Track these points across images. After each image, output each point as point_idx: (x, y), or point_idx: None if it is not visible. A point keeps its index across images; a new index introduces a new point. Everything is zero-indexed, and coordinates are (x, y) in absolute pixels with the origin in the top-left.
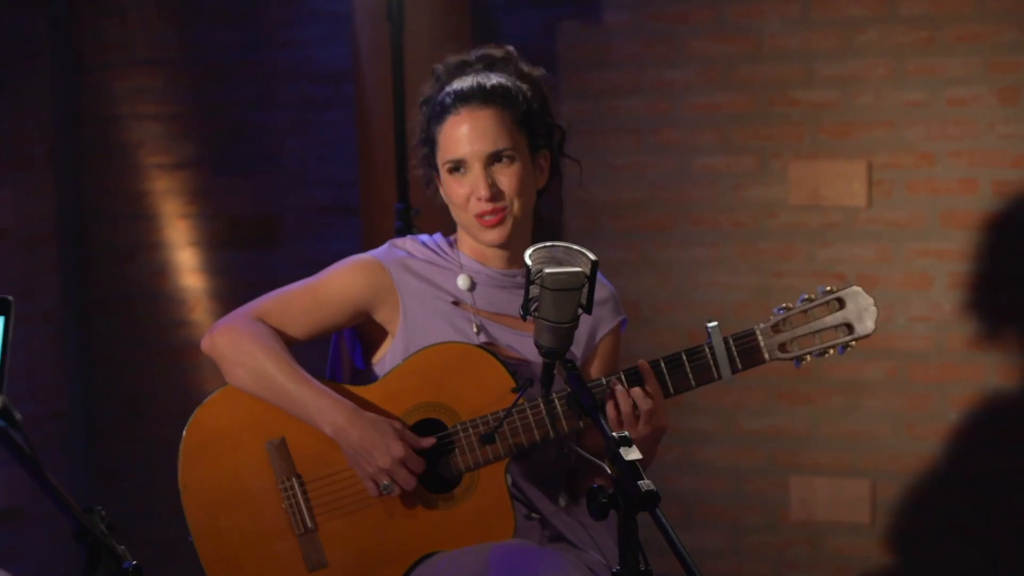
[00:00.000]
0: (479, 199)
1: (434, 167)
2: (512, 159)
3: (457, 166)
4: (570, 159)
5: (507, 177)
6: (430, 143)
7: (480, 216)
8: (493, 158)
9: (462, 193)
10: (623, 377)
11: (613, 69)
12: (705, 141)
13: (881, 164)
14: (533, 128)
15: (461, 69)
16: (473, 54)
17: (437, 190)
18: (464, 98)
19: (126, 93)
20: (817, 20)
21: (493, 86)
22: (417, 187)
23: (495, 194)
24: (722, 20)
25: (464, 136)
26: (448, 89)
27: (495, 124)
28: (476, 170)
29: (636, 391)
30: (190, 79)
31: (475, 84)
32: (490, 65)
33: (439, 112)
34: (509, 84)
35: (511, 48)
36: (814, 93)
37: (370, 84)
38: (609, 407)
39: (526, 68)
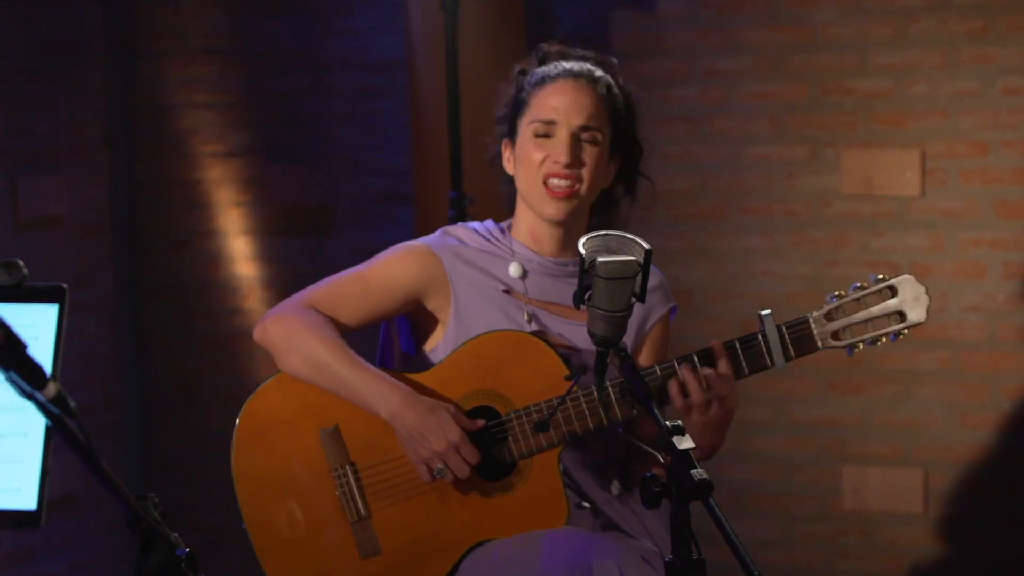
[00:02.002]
0: (556, 162)
1: (512, 133)
2: (596, 142)
3: (545, 131)
4: (644, 177)
5: (588, 155)
6: (518, 107)
7: (551, 182)
8: (582, 130)
9: (538, 156)
10: (695, 358)
11: (666, 58)
12: (758, 130)
13: (935, 153)
14: (618, 130)
15: (564, 56)
16: (576, 51)
17: (501, 165)
18: (572, 73)
19: (180, 82)
20: (871, 9)
21: (600, 75)
22: (471, 175)
23: (573, 162)
24: (776, 9)
25: (562, 103)
26: (557, 63)
27: (593, 103)
28: (562, 136)
29: (708, 372)
30: (244, 68)
31: (585, 67)
32: (598, 66)
33: (540, 79)
34: (611, 82)
35: (615, 61)
36: (868, 82)
37: (423, 73)
38: (674, 388)
39: (622, 82)
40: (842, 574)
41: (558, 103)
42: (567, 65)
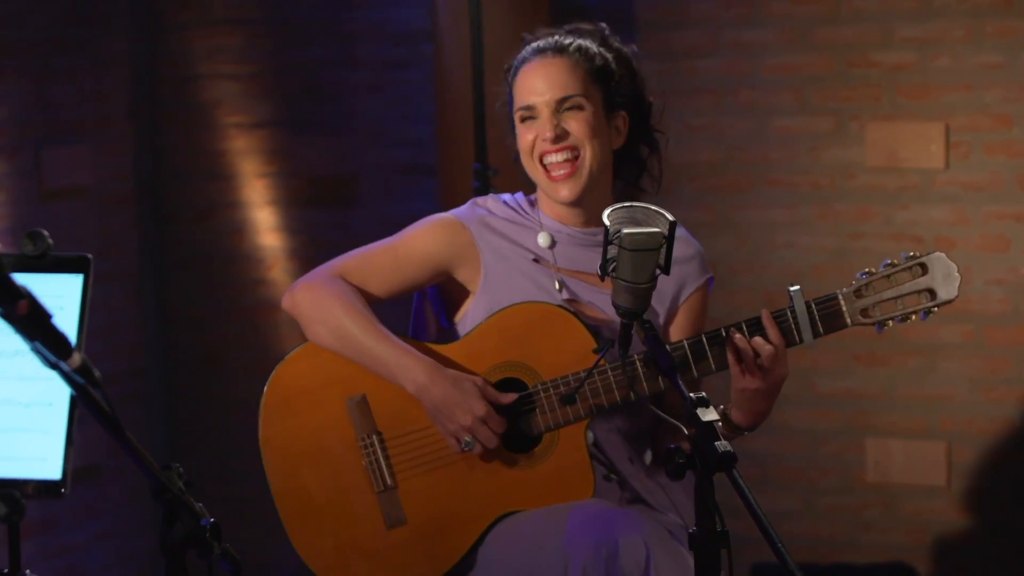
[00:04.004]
0: (543, 140)
1: (512, 128)
2: (581, 108)
3: (528, 114)
4: (656, 131)
5: (575, 122)
6: (509, 103)
7: (546, 159)
8: (561, 103)
9: (529, 139)
10: (744, 326)
11: (692, 30)
12: (783, 102)
13: (959, 126)
14: (609, 86)
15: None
16: (563, 29)
17: (518, 154)
18: (538, 50)
19: (204, 52)
20: None
21: (569, 41)
22: (495, 146)
23: (559, 135)
24: None
25: (535, 84)
26: (527, 46)
27: (566, 72)
28: (544, 115)
29: (758, 339)
30: (268, 38)
31: (551, 40)
32: (576, 35)
33: (515, 68)
34: (586, 43)
35: (603, 24)
36: (892, 55)
37: (448, 44)
38: (730, 355)
39: (615, 42)
40: (865, 546)
41: (531, 84)
42: (534, 44)
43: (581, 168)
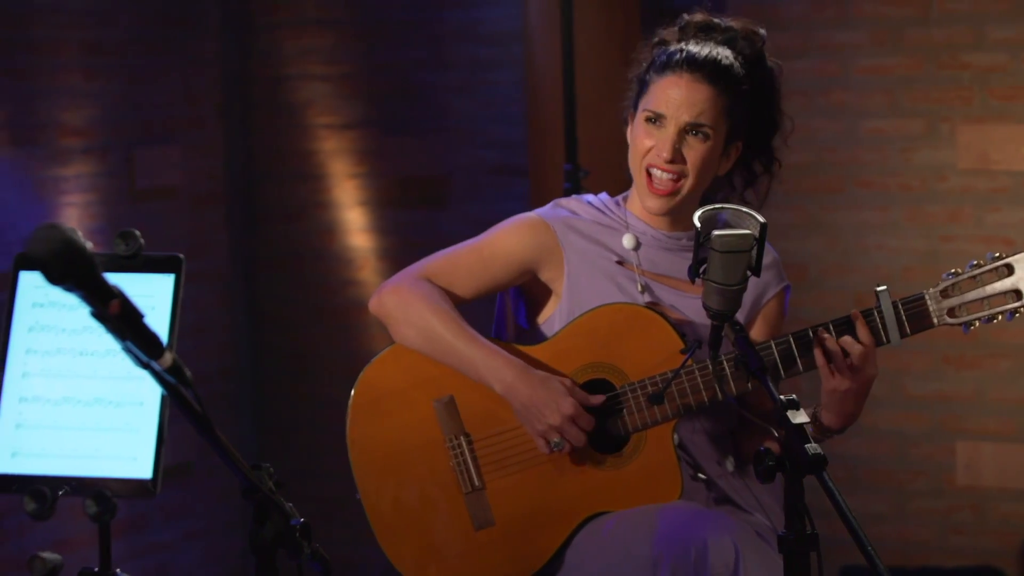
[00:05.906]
0: (658, 155)
1: (635, 107)
2: (706, 137)
3: (655, 118)
4: (774, 158)
5: (694, 151)
6: (642, 86)
7: (653, 172)
8: (690, 128)
9: (646, 144)
10: (831, 326)
11: (782, 31)
12: (874, 104)
13: None
14: (738, 119)
15: (705, 31)
16: (723, 21)
17: (627, 128)
18: (692, 64)
19: (295, 53)
20: None
21: (723, 67)
22: (586, 148)
23: (675, 158)
24: None
25: (674, 97)
26: (683, 47)
27: (706, 101)
28: (670, 131)
29: (847, 339)
30: (359, 39)
31: (708, 56)
32: (731, 40)
33: (664, 63)
34: (738, 71)
35: (763, 33)
36: (984, 56)
37: (539, 45)
38: (818, 355)
39: (767, 57)
40: (955, 550)
41: (670, 96)
42: (694, 51)
43: (679, 191)
